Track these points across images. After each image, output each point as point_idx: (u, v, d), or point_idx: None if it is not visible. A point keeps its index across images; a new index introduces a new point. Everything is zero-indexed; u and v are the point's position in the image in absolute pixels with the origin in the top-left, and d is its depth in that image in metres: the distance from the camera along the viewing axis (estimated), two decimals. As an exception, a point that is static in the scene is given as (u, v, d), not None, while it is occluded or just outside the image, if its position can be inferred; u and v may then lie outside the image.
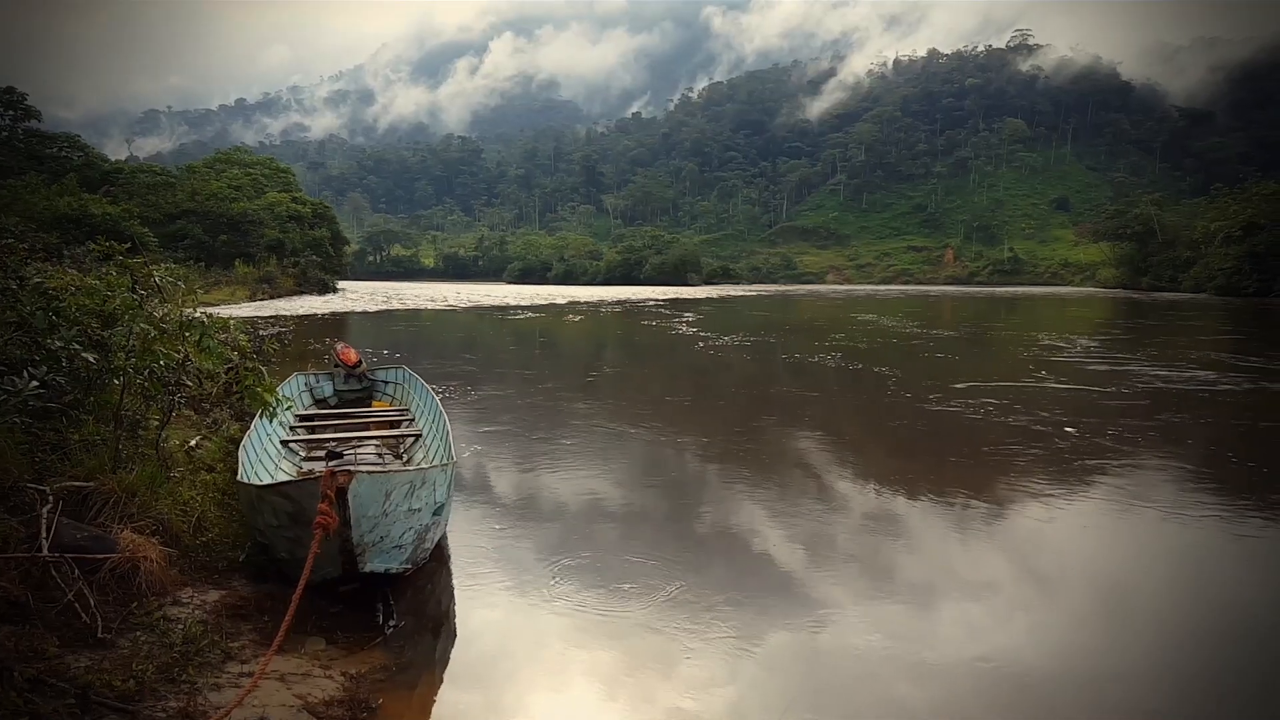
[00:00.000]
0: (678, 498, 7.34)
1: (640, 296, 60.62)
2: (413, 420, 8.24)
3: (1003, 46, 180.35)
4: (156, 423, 4.82)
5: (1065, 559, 5.84)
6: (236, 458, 5.56)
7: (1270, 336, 27.46)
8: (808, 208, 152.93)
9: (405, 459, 7.26)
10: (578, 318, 35.84)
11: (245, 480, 4.76)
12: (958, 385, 13.82)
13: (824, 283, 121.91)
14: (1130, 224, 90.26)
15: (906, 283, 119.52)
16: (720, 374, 16.95)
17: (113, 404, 4.55)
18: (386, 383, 9.95)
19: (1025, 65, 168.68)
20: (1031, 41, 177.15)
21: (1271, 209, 65.50)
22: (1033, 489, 7.41)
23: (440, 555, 5.30)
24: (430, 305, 43.57)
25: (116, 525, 3.80)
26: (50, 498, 3.50)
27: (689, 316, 35.26)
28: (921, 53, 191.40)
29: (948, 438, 9.89)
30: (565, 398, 13.45)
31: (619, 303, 49.55)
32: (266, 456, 6.35)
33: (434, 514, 4.68)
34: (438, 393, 8.76)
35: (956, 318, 38.04)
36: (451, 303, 46.69)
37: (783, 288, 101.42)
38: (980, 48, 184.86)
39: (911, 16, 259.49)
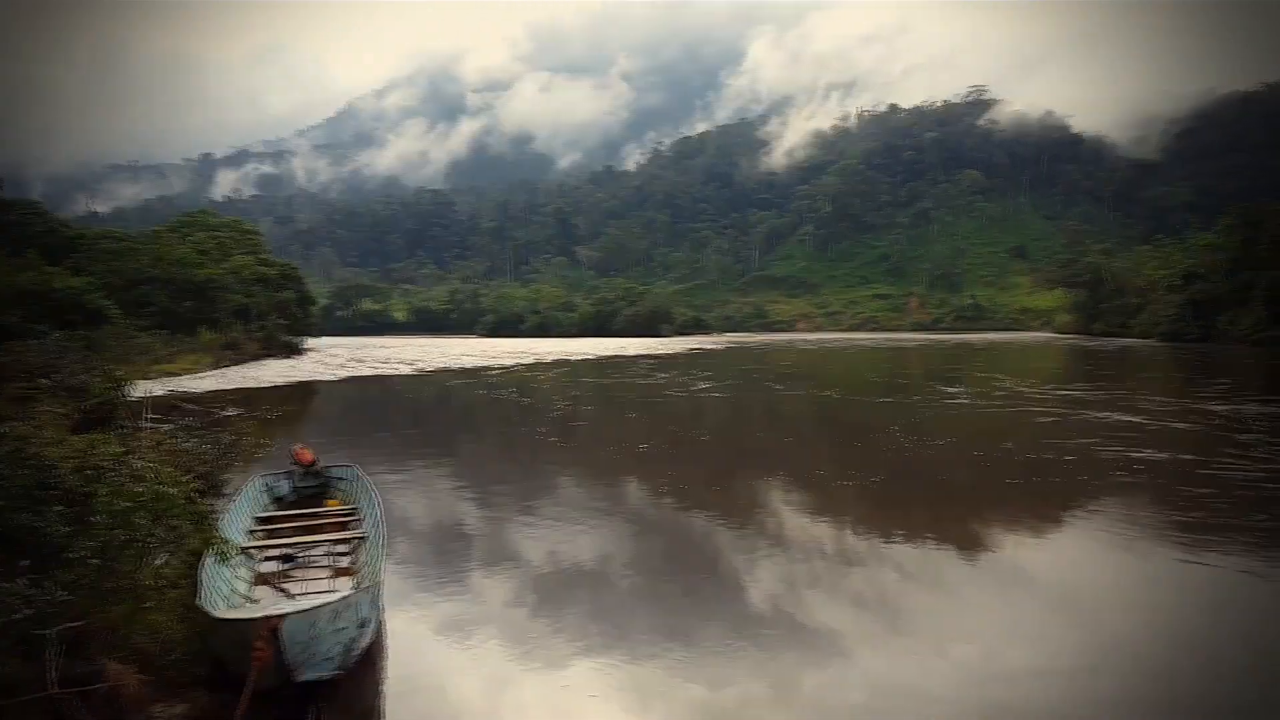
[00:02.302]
0: (608, 568, 8.40)
1: (611, 351, 61.99)
2: (361, 520, 9.32)
3: (959, 102, 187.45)
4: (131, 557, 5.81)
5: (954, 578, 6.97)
6: (198, 575, 6.60)
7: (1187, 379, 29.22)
8: (778, 258, 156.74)
9: (352, 559, 8.32)
10: (547, 377, 36.97)
11: (202, 606, 5.82)
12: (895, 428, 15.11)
13: (795, 330, 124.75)
14: (1081, 272, 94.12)
15: (874, 329, 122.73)
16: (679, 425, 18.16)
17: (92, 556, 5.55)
18: (340, 479, 11.02)
19: (981, 119, 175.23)
20: (986, 96, 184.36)
21: (1209, 258, 68.89)
22: (925, 513, 8.60)
23: (380, 647, 6.37)
24: (396, 371, 43.69)
25: (103, 658, 4.84)
26: (54, 639, 4.51)
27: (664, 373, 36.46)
28: (883, 108, 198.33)
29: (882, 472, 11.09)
30: (514, 478, 14.49)
31: (584, 360, 50.64)
32: (227, 567, 7.38)
33: (359, 627, 5.75)
34: (394, 476, 9.83)
35: (890, 368, 39.66)
36: (421, 365, 47.10)
37: (755, 336, 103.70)
38: (938, 102, 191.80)
39: (876, 80, 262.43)
